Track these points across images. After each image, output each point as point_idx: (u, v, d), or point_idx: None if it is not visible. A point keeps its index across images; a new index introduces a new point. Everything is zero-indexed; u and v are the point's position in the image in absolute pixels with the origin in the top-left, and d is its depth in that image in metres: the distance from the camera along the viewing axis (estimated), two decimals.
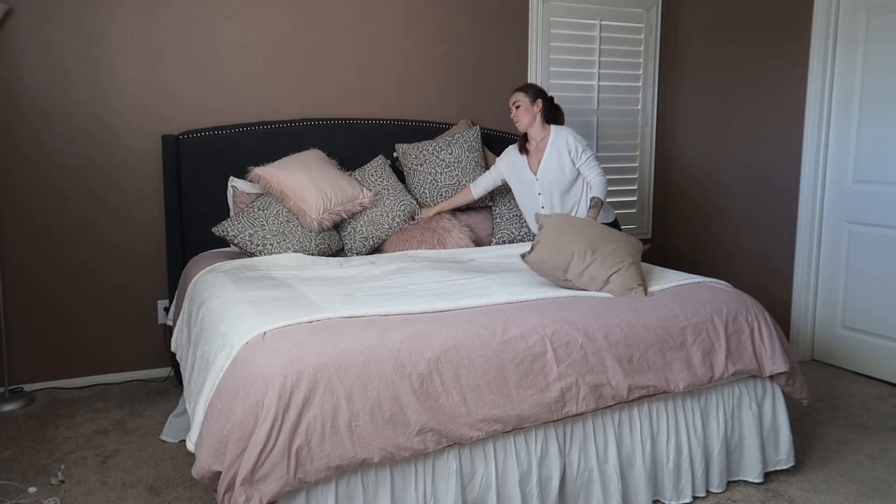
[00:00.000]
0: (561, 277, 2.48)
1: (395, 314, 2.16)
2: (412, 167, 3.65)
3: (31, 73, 3.28)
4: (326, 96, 3.80)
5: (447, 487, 2.00)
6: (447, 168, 3.62)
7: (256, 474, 1.74)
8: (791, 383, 2.51)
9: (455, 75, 4.07)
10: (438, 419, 1.93)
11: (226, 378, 1.91)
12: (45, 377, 3.44)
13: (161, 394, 3.38)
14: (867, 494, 2.45)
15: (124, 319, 3.55)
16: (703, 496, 2.41)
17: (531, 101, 3.27)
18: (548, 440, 2.14)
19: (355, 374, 1.87)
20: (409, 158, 3.67)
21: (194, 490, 2.46)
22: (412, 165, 3.65)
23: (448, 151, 3.66)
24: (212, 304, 2.40)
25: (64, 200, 3.39)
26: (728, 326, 2.41)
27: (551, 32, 4.26)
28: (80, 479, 2.55)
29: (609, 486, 2.23)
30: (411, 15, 3.93)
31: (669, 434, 2.34)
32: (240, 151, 3.55)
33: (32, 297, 3.39)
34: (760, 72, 4.03)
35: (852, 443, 2.85)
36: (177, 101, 3.53)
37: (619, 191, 4.59)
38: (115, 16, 3.38)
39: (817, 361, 3.87)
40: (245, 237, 3.14)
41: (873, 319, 3.59)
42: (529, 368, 2.07)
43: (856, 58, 3.58)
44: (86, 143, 3.40)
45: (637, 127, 4.62)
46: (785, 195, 3.94)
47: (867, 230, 3.59)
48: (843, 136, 3.67)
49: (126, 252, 3.52)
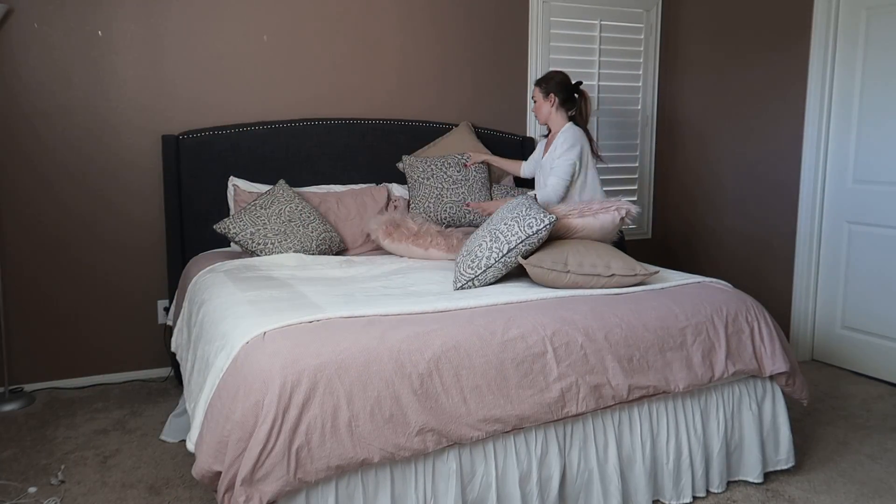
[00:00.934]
0: (563, 271, 2.47)
1: (395, 314, 2.16)
2: (418, 180, 3.62)
3: (32, 73, 3.28)
4: (326, 96, 3.80)
5: (447, 487, 2.00)
6: (454, 185, 3.60)
7: (256, 474, 1.74)
8: (791, 383, 2.51)
9: (455, 75, 4.07)
10: (438, 419, 1.93)
11: (226, 378, 1.91)
12: (45, 377, 3.44)
13: (161, 394, 3.38)
14: (867, 494, 2.45)
15: (124, 319, 3.55)
16: (703, 496, 2.41)
17: (544, 95, 3.32)
18: (548, 440, 2.14)
19: (355, 374, 1.87)
20: (415, 171, 3.64)
21: (194, 490, 2.46)
22: (418, 178, 3.63)
23: (456, 169, 3.65)
24: (212, 304, 2.40)
25: (64, 200, 3.39)
26: (728, 326, 2.41)
27: (551, 32, 4.26)
28: (80, 479, 2.55)
29: (609, 486, 2.23)
30: (411, 14, 3.93)
31: (669, 434, 2.34)
32: (240, 151, 3.55)
33: (32, 296, 3.39)
34: (760, 72, 4.03)
35: (852, 443, 2.85)
36: (177, 101, 3.53)
37: (620, 191, 4.59)
38: (115, 16, 3.38)
39: (817, 361, 3.87)
40: (246, 235, 3.14)
41: (873, 319, 3.59)
42: (529, 368, 2.07)
43: (856, 58, 3.58)
44: (86, 143, 3.40)
45: (637, 127, 4.62)
46: (785, 195, 3.94)
47: (867, 230, 3.59)
48: (843, 136, 3.67)
49: (126, 252, 3.52)
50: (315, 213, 3.31)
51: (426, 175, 3.62)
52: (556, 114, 3.32)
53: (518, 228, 2.50)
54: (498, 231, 2.54)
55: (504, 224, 2.55)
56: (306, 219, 3.25)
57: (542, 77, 3.40)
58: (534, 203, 2.61)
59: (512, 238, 2.49)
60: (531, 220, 2.50)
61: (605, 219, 2.73)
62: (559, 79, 3.33)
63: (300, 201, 3.31)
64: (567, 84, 3.32)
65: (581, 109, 3.34)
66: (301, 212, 3.26)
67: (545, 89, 3.32)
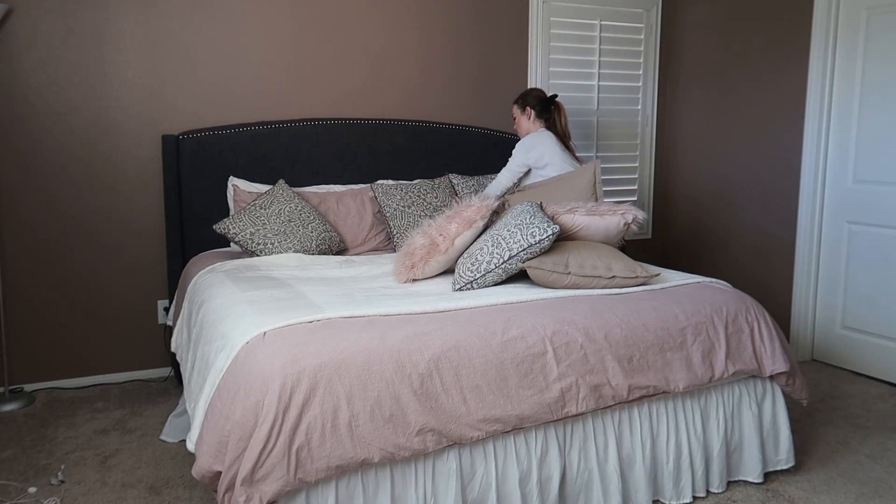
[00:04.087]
0: (563, 273, 2.48)
1: (395, 314, 2.16)
2: (397, 209, 3.46)
3: (32, 73, 3.28)
4: (327, 96, 3.80)
5: (447, 487, 2.00)
6: (435, 212, 3.48)
7: (256, 474, 1.74)
8: (791, 383, 2.51)
9: (454, 75, 4.07)
10: (438, 419, 1.93)
11: (226, 378, 1.91)
12: (45, 377, 3.44)
13: (161, 394, 3.38)
14: (867, 494, 2.45)
15: (124, 319, 3.55)
16: (703, 496, 2.41)
17: (521, 109, 3.59)
18: (548, 440, 2.14)
19: (355, 374, 1.87)
20: (393, 199, 3.49)
21: (194, 490, 2.46)
22: (397, 207, 3.47)
23: (434, 194, 3.59)
24: (212, 304, 2.40)
25: (64, 201, 3.39)
26: (728, 326, 2.41)
27: (551, 32, 4.26)
28: (80, 479, 2.55)
29: (609, 486, 2.23)
30: (410, 15, 3.93)
31: (669, 434, 2.34)
32: (240, 151, 3.55)
33: (32, 296, 3.39)
34: (760, 71, 4.03)
35: (852, 443, 2.85)
36: (177, 101, 3.53)
37: (619, 191, 4.59)
38: (115, 16, 3.38)
39: (817, 361, 3.87)
40: (246, 235, 3.14)
41: (873, 319, 3.59)
42: (529, 368, 2.07)
43: (856, 58, 3.58)
44: (86, 143, 3.40)
45: (637, 127, 4.62)
46: (785, 195, 3.94)
47: (867, 230, 3.59)
48: (843, 136, 3.67)
49: (126, 252, 3.52)
50: (315, 213, 3.31)
51: (405, 203, 3.50)
52: (533, 126, 3.56)
53: (521, 237, 2.50)
54: (500, 237, 2.54)
55: (507, 230, 2.55)
56: (306, 219, 3.25)
57: (518, 95, 3.65)
58: (538, 211, 2.61)
59: (514, 245, 2.49)
60: (534, 229, 2.50)
61: (610, 221, 2.73)
62: (535, 94, 3.59)
63: (300, 201, 3.31)
64: (542, 98, 3.58)
65: (555, 120, 3.57)
66: (301, 212, 3.26)
67: (521, 104, 3.59)
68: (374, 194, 3.55)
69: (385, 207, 3.48)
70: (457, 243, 2.67)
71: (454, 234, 2.67)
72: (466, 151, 4.03)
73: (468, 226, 2.68)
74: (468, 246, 2.70)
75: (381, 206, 3.50)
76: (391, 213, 3.46)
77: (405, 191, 3.55)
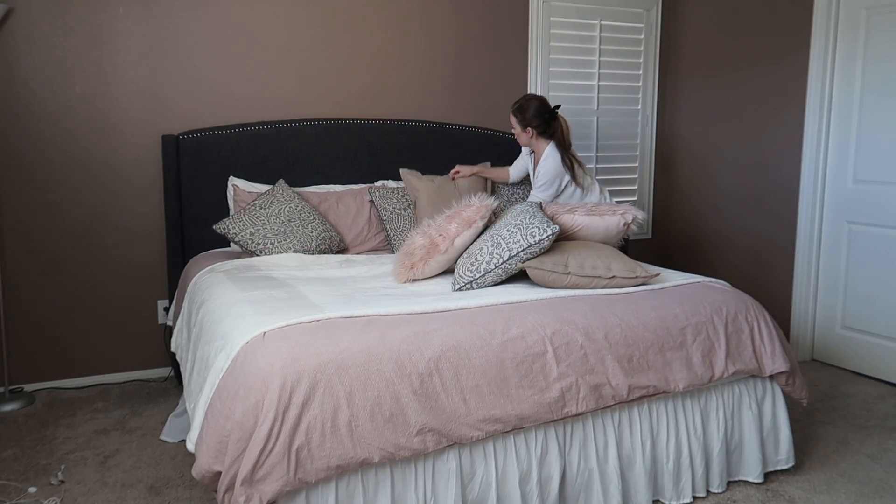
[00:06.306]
0: (563, 273, 2.48)
1: (395, 314, 2.16)
2: (393, 211, 3.45)
3: (31, 73, 3.28)
4: (327, 96, 3.80)
5: (447, 487, 2.00)
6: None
7: (256, 474, 1.75)
8: (791, 383, 2.51)
9: (455, 75, 4.07)
10: (438, 419, 1.93)
11: (226, 378, 1.91)
12: (45, 377, 3.44)
13: (161, 394, 3.38)
14: (867, 494, 2.45)
15: (124, 319, 3.55)
16: (703, 496, 2.41)
17: (522, 128, 3.35)
18: (548, 440, 2.14)
19: (355, 374, 1.87)
20: (389, 203, 3.48)
21: (194, 490, 2.46)
22: (393, 210, 3.46)
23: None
24: (212, 304, 2.40)
25: (63, 200, 3.39)
26: (728, 326, 2.41)
27: (551, 32, 4.25)
28: (80, 479, 2.55)
29: (609, 486, 2.23)
30: (409, 15, 3.93)
31: (669, 434, 2.34)
32: (240, 151, 3.55)
33: (32, 296, 3.39)
34: (760, 71, 4.03)
35: (852, 443, 2.85)
36: (176, 101, 3.53)
37: (620, 191, 4.59)
38: (114, 16, 3.38)
39: (817, 361, 3.87)
40: (246, 235, 3.14)
41: (873, 319, 3.59)
42: (529, 368, 2.07)
43: (856, 57, 3.58)
44: (86, 143, 3.40)
45: (637, 127, 4.62)
46: (785, 195, 3.94)
47: (867, 230, 3.59)
48: (843, 136, 3.67)
49: (126, 252, 3.52)
50: (315, 212, 3.31)
51: (402, 206, 3.49)
52: (536, 141, 3.38)
53: (521, 237, 2.49)
54: (500, 237, 2.54)
55: (507, 230, 2.55)
56: (306, 219, 3.25)
57: (517, 105, 3.37)
58: (538, 211, 2.61)
59: (514, 245, 2.49)
60: (534, 229, 2.49)
61: (610, 221, 2.73)
62: (535, 108, 3.32)
63: (300, 201, 3.31)
64: (543, 111, 3.32)
65: (559, 134, 3.35)
66: (301, 212, 3.26)
67: (522, 122, 3.34)
68: (371, 198, 3.54)
69: (382, 211, 3.47)
70: (456, 243, 2.67)
71: (454, 234, 2.67)
72: (467, 152, 4.02)
73: (468, 226, 2.68)
74: (468, 246, 2.70)
75: (378, 209, 3.49)
76: (388, 216, 3.46)
77: (402, 194, 3.55)
